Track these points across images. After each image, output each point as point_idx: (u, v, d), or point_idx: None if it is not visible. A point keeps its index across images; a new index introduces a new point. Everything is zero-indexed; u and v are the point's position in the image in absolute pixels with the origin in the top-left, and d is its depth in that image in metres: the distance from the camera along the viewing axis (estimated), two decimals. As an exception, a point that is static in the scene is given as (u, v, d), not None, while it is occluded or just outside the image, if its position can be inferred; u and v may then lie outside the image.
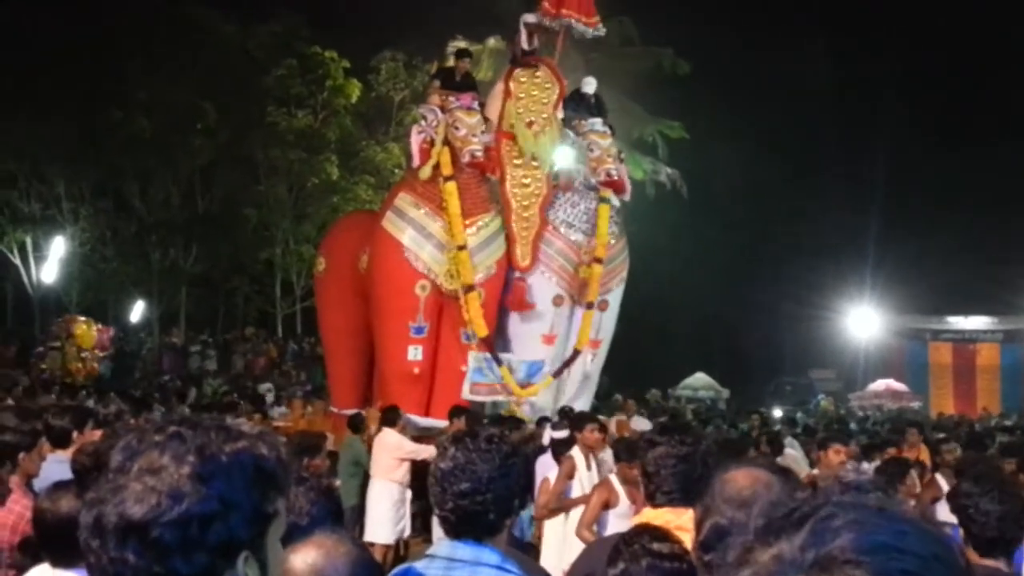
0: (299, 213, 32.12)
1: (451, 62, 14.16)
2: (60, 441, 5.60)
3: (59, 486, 3.39)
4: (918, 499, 6.64)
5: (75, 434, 5.61)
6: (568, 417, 9.87)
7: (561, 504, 7.72)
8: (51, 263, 29.50)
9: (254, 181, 31.85)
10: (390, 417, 10.25)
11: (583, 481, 7.78)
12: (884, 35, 39.96)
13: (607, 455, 8.52)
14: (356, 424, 11.17)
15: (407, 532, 10.33)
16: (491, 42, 26.92)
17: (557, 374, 13.42)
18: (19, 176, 29.39)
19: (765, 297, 35.86)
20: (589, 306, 13.73)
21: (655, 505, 3.09)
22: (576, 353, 13.69)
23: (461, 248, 12.76)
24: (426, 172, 12.87)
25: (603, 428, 9.39)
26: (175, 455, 1.27)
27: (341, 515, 3.17)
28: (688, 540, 2.51)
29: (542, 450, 9.27)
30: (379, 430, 10.33)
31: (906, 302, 38.97)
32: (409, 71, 31.88)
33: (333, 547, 1.93)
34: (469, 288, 12.79)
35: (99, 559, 1.25)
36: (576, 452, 8.04)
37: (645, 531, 2.64)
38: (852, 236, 38.31)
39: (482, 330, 12.85)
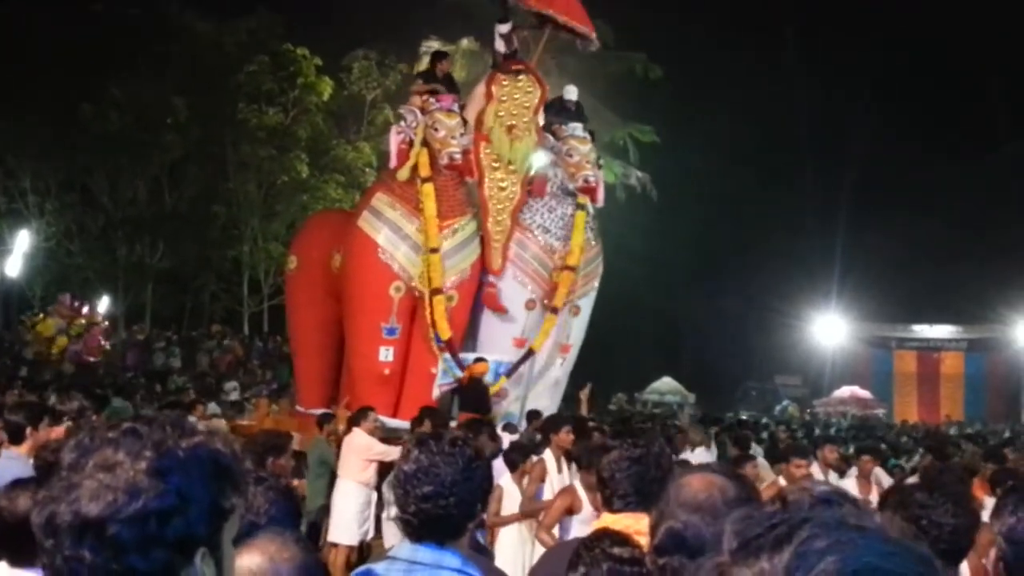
0: (268, 211, 31.96)
1: (425, 63, 14.15)
2: (14, 437, 5.53)
3: (18, 484, 3.34)
4: None
5: (29, 430, 5.53)
6: (538, 420, 9.74)
7: (531, 508, 7.52)
8: (15, 257, 29.12)
9: (223, 178, 31.63)
10: (360, 417, 10.16)
11: (554, 484, 7.56)
12: (857, 43, 40.33)
13: None
14: (323, 423, 11.08)
15: (371, 534, 10.25)
16: (464, 43, 26.90)
17: (510, 373, 13.37)
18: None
19: (733, 303, 36.07)
20: (553, 311, 13.70)
21: (613, 511, 3.07)
22: (530, 353, 13.64)
23: (433, 251, 12.74)
24: (404, 173, 12.82)
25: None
26: (130, 451, 1.24)
27: (300, 515, 3.15)
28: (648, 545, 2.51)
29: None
30: (348, 430, 10.22)
31: (872, 310, 39.34)
32: (381, 70, 31.81)
33: (277, 552, 1.83)
34: (436, 291, 12.75)
35: (53, 558, 1.22)
36: (548, 455, 7.87)
37: (605, 535, 2.64)
38: (820, 243, 38.67)
39: (445, 332, 12.81)
